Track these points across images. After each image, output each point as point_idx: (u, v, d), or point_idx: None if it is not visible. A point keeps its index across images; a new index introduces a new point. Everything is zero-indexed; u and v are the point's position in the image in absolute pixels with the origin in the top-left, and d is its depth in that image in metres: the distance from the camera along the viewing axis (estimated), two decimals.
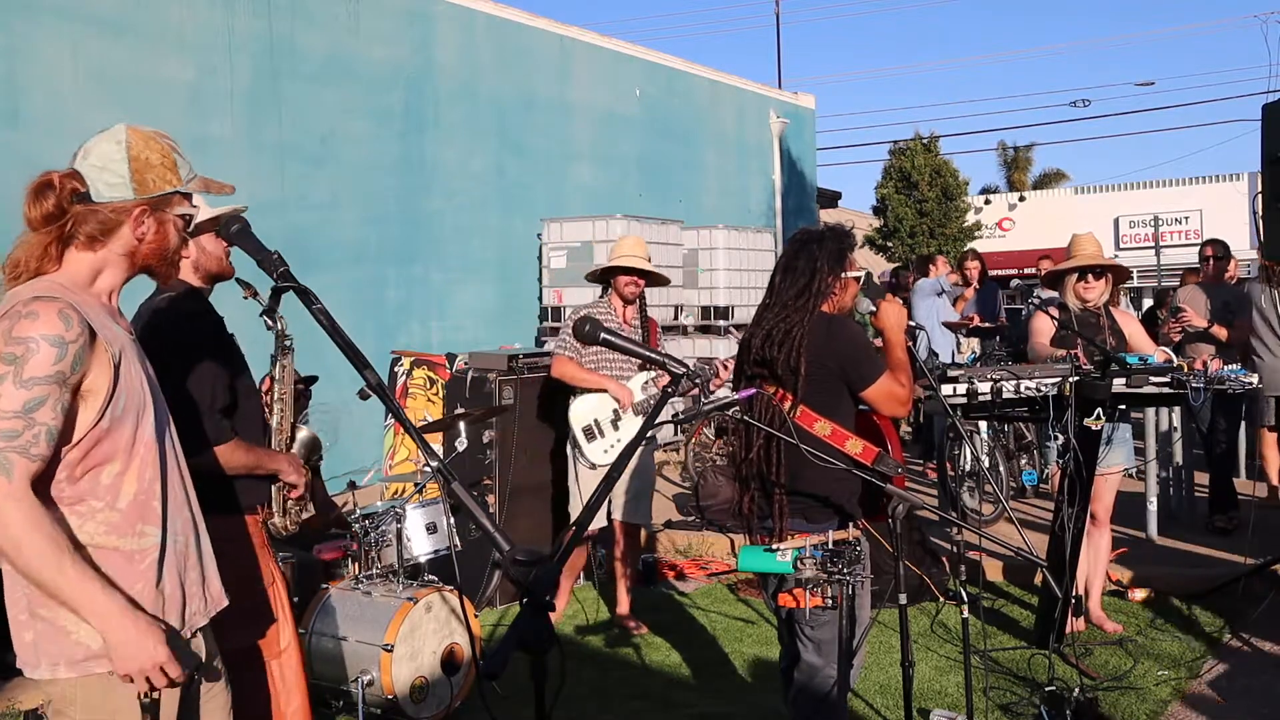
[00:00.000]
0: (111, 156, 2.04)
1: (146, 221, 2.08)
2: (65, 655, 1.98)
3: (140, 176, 2.05)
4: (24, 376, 1.88)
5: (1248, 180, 24.12)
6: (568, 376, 5.31)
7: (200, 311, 3.12)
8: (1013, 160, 38.74)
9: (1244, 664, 4.82)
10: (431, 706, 4.29)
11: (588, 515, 1.93)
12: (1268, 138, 5.33)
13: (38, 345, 1.89)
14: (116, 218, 2.04)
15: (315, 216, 9.24)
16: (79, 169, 2.04)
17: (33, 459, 1.89)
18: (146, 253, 2.10)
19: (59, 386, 1.91)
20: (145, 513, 2.06)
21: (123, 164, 2.04)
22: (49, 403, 1.89)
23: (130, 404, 2.02)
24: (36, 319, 1.90)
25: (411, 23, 10.48)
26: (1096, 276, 4.96)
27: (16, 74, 7.48)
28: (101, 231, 2.04)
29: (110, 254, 2.07)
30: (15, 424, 1.87)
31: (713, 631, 5.47)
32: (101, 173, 2.03)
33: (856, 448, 3.15)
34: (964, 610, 3.66)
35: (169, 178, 2.09)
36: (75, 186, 2.01)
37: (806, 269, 3.24)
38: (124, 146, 2.05)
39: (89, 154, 2.05)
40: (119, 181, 2.04)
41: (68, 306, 1.93)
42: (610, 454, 5.27)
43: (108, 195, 2.03)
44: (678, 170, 14.08)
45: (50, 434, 1.90)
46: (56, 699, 2.01)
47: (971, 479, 7.09)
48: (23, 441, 1.87)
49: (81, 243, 2.03)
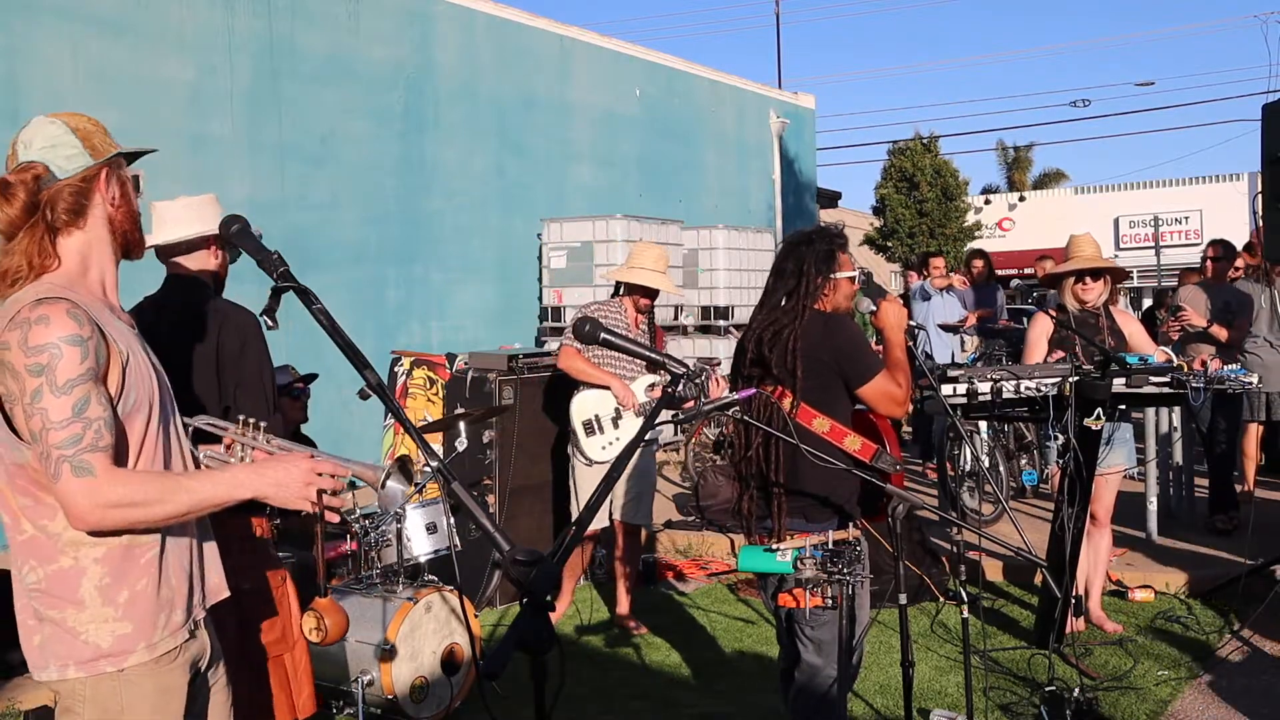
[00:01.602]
0: (56, 135, 2.05)
1: (112, 183, 2.10)
2: (74, 656, 1.98)
3: (89, 142, 2.07)
4: (59, 383, 1.88)
5: (1248, 180, 24.14)
6: (573, 370, 5.31)
7: (222, 309, 3.15)
8: (1013, 161, 38.76)
9: (1244, 664, 4.82)
10: (431, 706, 4.29)
11: (588, 515, 1.93)
12: (1268, 138, 5.34)
13: (60, 349, 1.89)
14: (87, 185, 2.06)
15: (315, 216, 9.24)
16: (29, 159, 2.04)
17: (104, 450, 1.91)
18: (121, 217, 2.12)
19: (94, 382, 1.92)
20: None
21: (70, 136, 2.05)
22: (93, 398, 1.91)
23: (140, 398, 2.03)
24: (49, 324, 1.90)
25: (411, 23, 10.48)
26: (1094, 278, 4.96)
27: (16, 74, 7.48)
28: (79, 203, 2.05)
29: (94, 231, 2.07)
30: (75, 429, 1.88)
31: (713, 631, 5.47)
32: (55, 150, 2.04)
33: (855, 445, 3.15)
34: (964, 610, 3.66)
35: (109, 142, 2.12)
36: (36, 173, 2.02)
37: (795, 271, 3.27)
38: (61, 124, 2.07)
39: (31, 143, 2.05)
40: (75, 153, 2.05)
41: (73, 305, 1.94)
42: (608, 451, 5.27)
43: (70, 167, 2.04)
44: (678, 170, 14.08)
45: (108, 423, 1.93)
46: (65, 696, 2.01)
47: (971, 479, 7.09)
48: (89, 440, 1.89)
49: (65, 224, 2.04)
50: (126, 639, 2.01)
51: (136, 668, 2.01)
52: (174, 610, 2.07)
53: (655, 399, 5.25)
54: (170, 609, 2.06)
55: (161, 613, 2.04)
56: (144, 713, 2.02)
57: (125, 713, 2.01)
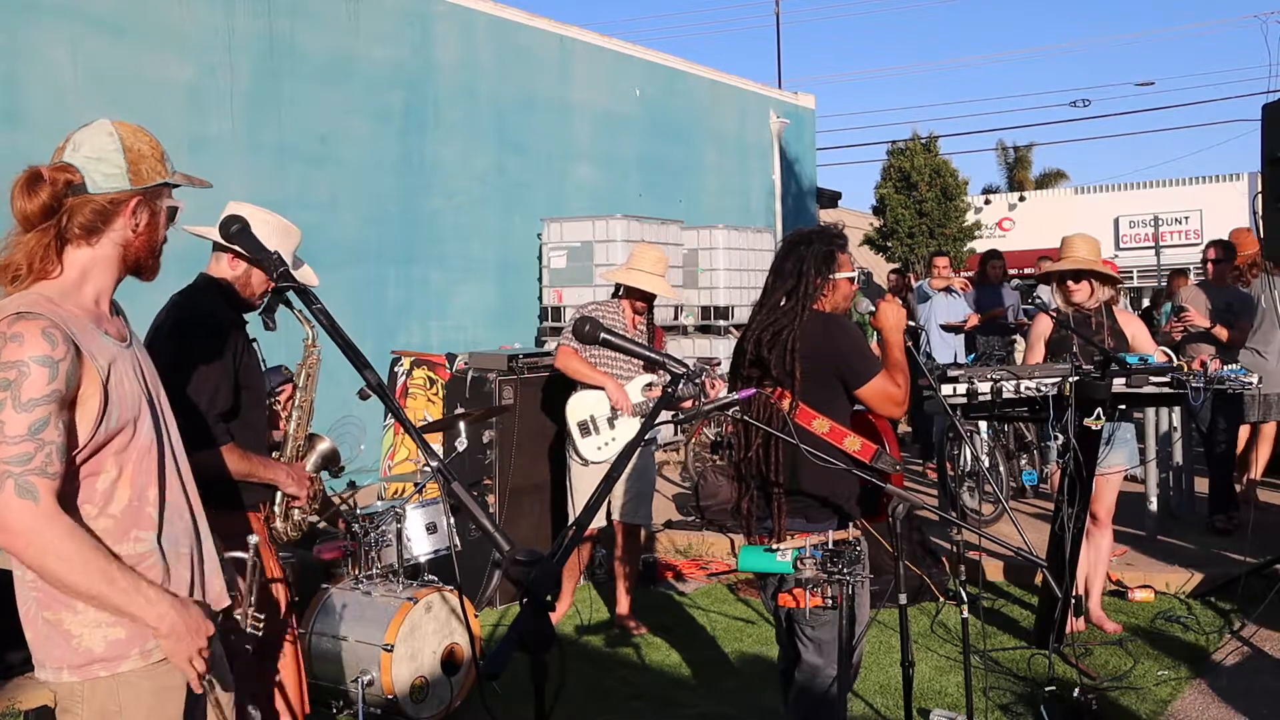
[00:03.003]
0: (106, 148, 2.02)
1: (141, 213, 2.07)
2: (68, 660, 1.98)
3: (135, 167, 2.04)
4: (22, 400, 1.86)
5: (1248, 180, 24.15)
6: (570, 370, 5.31)
7: (212, 310, 3.14)
8: (1013, 161, 38.75)
9: (1244, 664, 4.82)
10: (431, 706, 4.29)
11: (587, 515, 1.93)
12: (1268, 138, 5.33)
13: (29, 368, 1.87)
14: (113, 208, 2.03)
15: (315, 216, 9.23)
16: (70, 161, 2.01)
17: (51, 478, 1.88)
18: (139, 245, 2.09)
19: (57, 405, 1.90)
20: (139, 519, 2.05)
21: (118, 154, 2.03)
22: (52, 421, 1.89)
23: (125, 414, 2.01)
24: (22, 342, 1.88)
25: (411, 23, 10.48)
26: (1077, 280, 4.96)
27: (16, 74, 7.48)
28: (98, 222, 2.02)
29: (102, 250, 2.04)
30: (26, 447, 1.86)
31: (713, 631, 5.47)
32: (98, 164, 2.01)
33: (855, 445, 3.15)
34: (964, 610, 3.66)
35: (159, 169, 2.09)
36: (69, 179, 1.99)
37: (794, 271, 3.26)
38: (117, 138, 2.04)
39: (80, 146, 2.02)
40: (116, 172, 2.02)
41: (51, 325, 1.91)
42: (604, 451, 5.27)
43: (105, 186, 2.01)
44: (678, 170, 14.08)
45: (60, 450, 1.90)
46: (63, 697, 2.01)
47: (971, 479, 7.09)
48: (38, 463, 1.87)
49: (77, 237, 2.01)
50: (120, 644, 2.00)
51: (132, 671, 2.01)
52: None
53: (652, 399, 5.27)
54: None
55: None
56: (141, 713, 2.02)
57: (123, 713, 2.01)
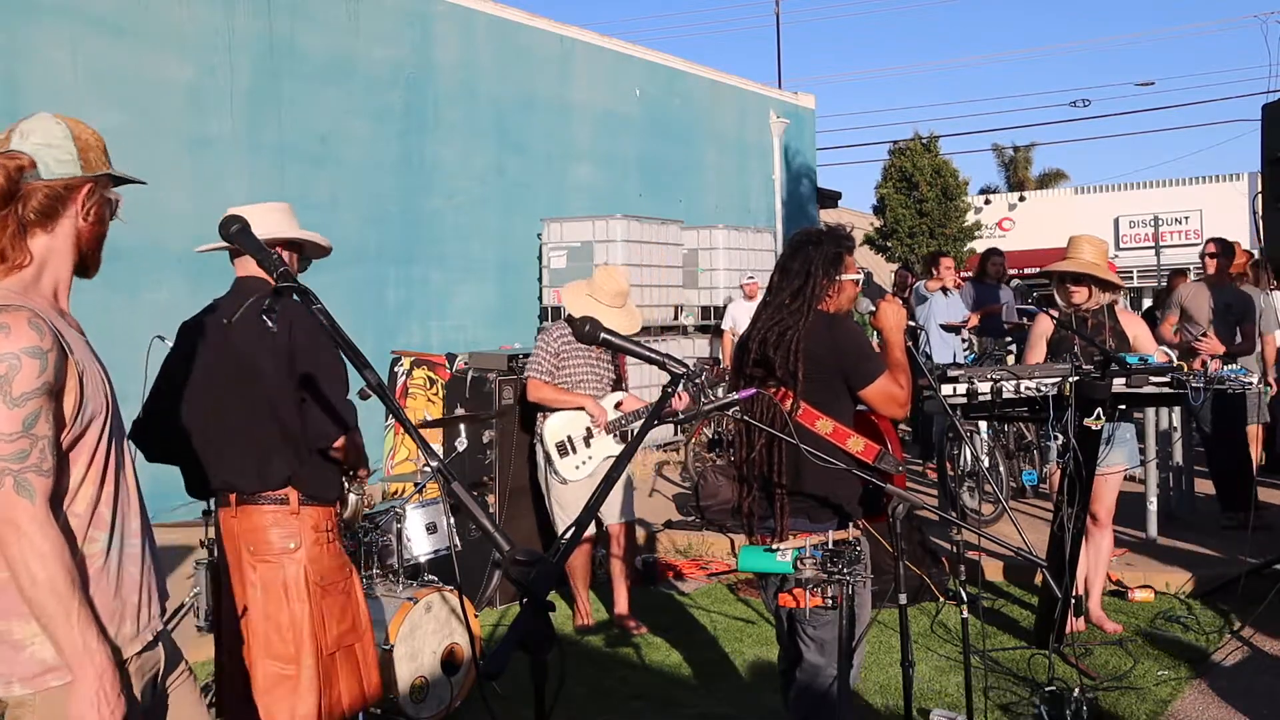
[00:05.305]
0: (57, 135, 2.04)
1: (90, 201, 2.08)
2: (18, 672, 1.93)
3: (85, 155, 2.06)
4: (13, 394, 1.84)
5: (1248, 180, 24.13)
6: (546, 399, 5.30)
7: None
8: (1012, 161, 38.75)
9: (1244, 664, 4.82)
10: (431, 706, 4.28)
11: (587, 515, 1.92)
12: (1268, 138, 5.34)
13: (19, 360, 1.85)
14: (67, 193, 2.04)
15: (315, 216, 9.22)
16: (20, 149, 2.01)
17: (45, 475, 1.87)
18: (88, 235, 2.09)
19: (48, 397, 1.88)
20: (96, 519, 2.02)
21: (69, 141, 2.04)
22: (43, 415, 1.87)
23: (96, 407, 2.00)
24: (9, 333, 1.86)
25: (411, 23, 10.48)
26: (1077, 283, 4.96)
27: (16, 74, 7.48)
28: (52, 207, 2.02)
29: (57, 241, 2.05)
30: (22, 444, 1.84)
31: (713, 631, 5.47)
32: (50, 150, 2.02)
33: (858, 446, 3.15)
34: (964, 610, 3.66)
35: (103, 161, 2.10)
36: (20, 163, 1.99)
37: (801, 271, 3.26)
38: (65, 126, 2.05)
39: (29, 134, 2.03)
40: (68, 159, 2.03)
41: (34, 315, 1.90)
42: (582, 470, 5.29)
43: (58, 171, 2.02)
44: (678, 170, 14.09)
45: (51, 444, 1.88)
46: (14, 706, 1.96)
47: (971, 479, 7.09)
48: (34, 459, 1.85)
49: (33, 223, 2.01)
50: None
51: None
52: (123, 622, 2.03)
53: (626, 414, 5.35)
54: (120, 621, 2.02)
55: (110, 625, 1.99)
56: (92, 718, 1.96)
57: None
